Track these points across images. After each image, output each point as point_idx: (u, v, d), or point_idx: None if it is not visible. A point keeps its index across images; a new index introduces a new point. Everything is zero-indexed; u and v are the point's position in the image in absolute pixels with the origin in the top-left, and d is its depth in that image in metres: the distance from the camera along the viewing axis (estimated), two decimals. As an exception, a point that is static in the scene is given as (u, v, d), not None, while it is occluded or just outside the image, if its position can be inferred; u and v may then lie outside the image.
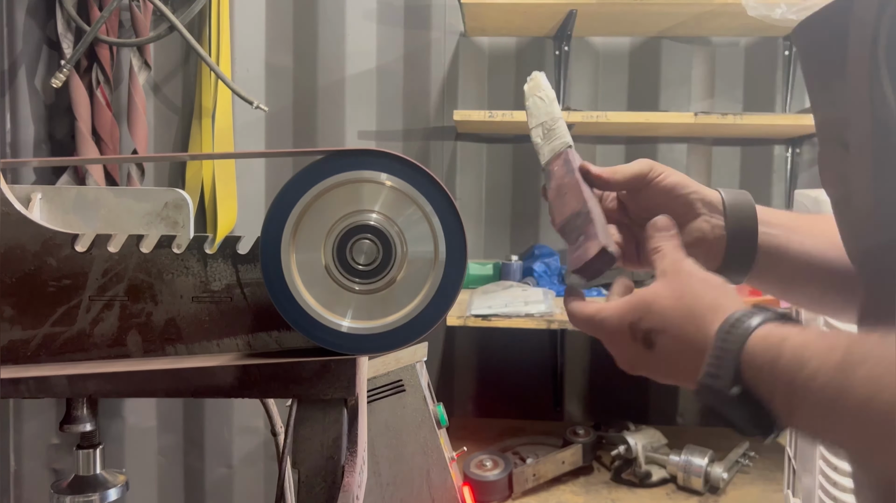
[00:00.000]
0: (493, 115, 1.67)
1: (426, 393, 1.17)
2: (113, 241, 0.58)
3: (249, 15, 1.93)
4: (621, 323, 0.54)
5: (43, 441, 1.97)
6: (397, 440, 1.16)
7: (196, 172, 1.91)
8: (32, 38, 1.90)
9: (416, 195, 0.55)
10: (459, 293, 0.56)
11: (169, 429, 2.00)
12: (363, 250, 0.56)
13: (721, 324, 0.48)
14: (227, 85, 1.79)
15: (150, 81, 1.92)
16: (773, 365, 0.44)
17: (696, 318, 0.50)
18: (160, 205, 0.70)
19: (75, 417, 0.61)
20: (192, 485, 2.01)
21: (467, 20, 1.80)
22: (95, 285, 0.57)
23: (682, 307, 0.52)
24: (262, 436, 1.99)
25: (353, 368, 0.54)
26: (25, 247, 0.57)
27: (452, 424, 1.85)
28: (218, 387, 0.53)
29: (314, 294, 0.55)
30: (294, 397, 0.55)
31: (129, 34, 1.86)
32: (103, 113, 1.81)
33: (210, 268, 0.58)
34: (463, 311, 1.57)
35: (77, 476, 0.64)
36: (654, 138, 2.00)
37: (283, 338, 0.59)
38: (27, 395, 0.52)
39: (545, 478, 1.54)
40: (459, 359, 2.02)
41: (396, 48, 1.96)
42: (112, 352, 0.58)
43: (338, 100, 1.96)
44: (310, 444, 0.55)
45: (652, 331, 0.53)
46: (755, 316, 0.47)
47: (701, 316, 0.50)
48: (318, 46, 1.95)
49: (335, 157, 0.55)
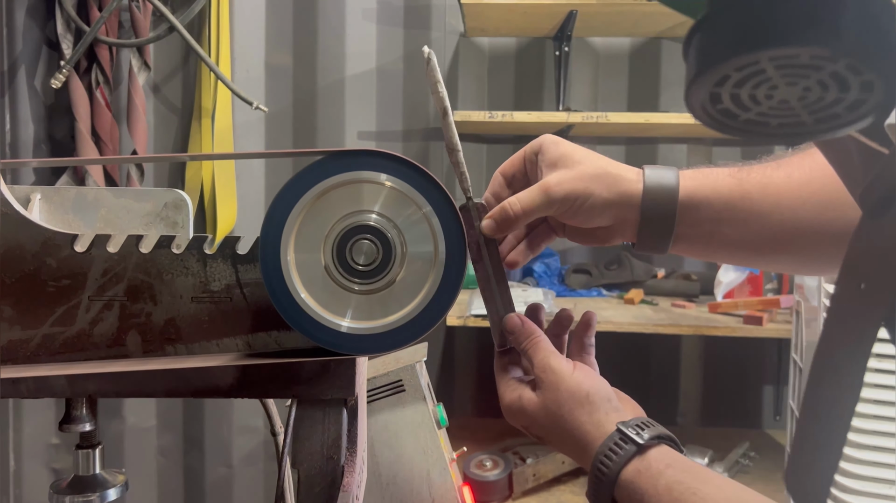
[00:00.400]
0: (493, 115, 1.67)
1: (426, 393, 1.17)
2: (112, 242, 0.58)
3: (249, 15, 1.93)
4: (515, 422, 0.58)
5: (42, 441, 1.97)
6: (397, 440, 1.16)
7: (196, 173, 1.91)
8: (32, 39, 1.90)
9: (415, 195, 0.55)
10: (459, 293, 0.56)
11: (169, 428, 2.00)
12: (363, 250, 0.56)
13: (592, 463, 0.51)
14: (226, 85, 1.79)
15: (150, 82, 1.92)
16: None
17: (571, 442, 0.54)
18: (160, 205, 0.70)
19: (75, 417, 0.61)
20: (191, 485, 2.01)
21: (467, 20, 1.80)
22: (95, 285, 0.57)
23: (556, 428, 0.54)
24: (261, 436, 1.99)
25: (353, 368, 0.54)
26: (25, 247, 0.57)
27: (452, 424, 1.85)
28: (217, 388, 0.53)
29: (314, 294, 0.55)
30: (294, 397, 0.55)
31: (128, 35, 1.86)
32: (103, 113, 1.81)
33: (210, 269, 0.58)
34: (463, 311, 1.58)
35: (76, 476, 0.64)
36: (654, 139, 2.00)
37: (282, 339, 0.59)
38: (27, 395, 0.52)
39: (545, 478, 1.54)
40: (459, 359, 2.02)
41: (396, 48, 1.96)
42: (111, 353, 0.58)
43: (338, 100, 1.96)
44: (309, 444, 0.55)
45: (541, 438, 0.57)
46: (617, 456, 0.50)
47: (574, 441, 0.53)
48: (317, 46, 1.95)
49: (335, 158, 0.55)
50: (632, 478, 0.49)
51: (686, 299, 1.78)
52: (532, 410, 0.55)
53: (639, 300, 1.76)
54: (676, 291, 1.82)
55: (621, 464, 0.49)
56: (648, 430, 0.50)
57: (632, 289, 1.80)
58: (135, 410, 1.98)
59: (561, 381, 0.54)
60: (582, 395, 0.54)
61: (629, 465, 0.49)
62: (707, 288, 1.80)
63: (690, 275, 1.86)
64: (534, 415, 0.55)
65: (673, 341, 1.99)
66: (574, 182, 0.58)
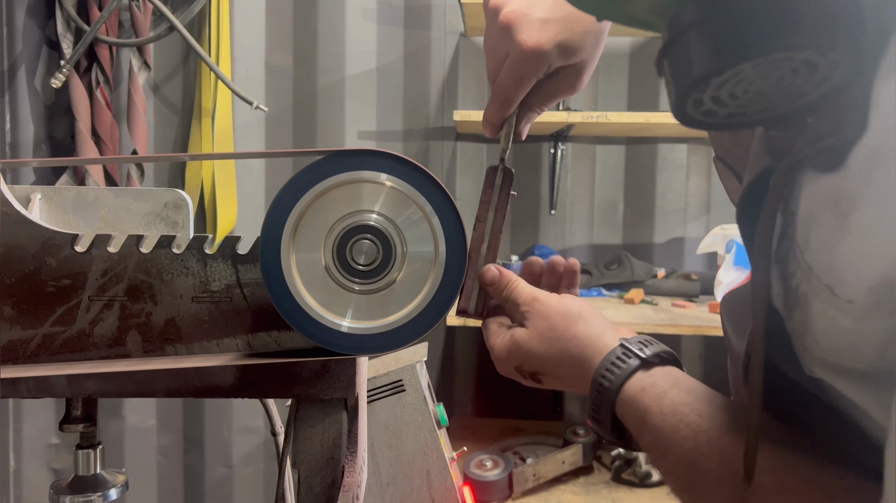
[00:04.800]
0: (492, 115, 1.66)
1: (426, 393, 1.17)
2: (112, 242, 0.58)
3: (249, 15, 1.93)
4: (508, 365, 0.57)
5: (43, 441, 1.97)
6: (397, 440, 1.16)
7: (196, 172, 1.91)
8: (32, 39, 1.90)
9: (415, 195, 0.55)
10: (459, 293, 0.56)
11: (169, 428, 2.00)
12: (363, 250, 0.56)
13: (593, 377, 0.49)
14: (226, 85, 1.79)
15: (150, 81, 1.92)
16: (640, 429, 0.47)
17: (568, 361, 0.52)
18: (160, 205, 0.70)
19: (75, 417, 0.61)
20: (191, 485, 2.01)
21: (467, 20, 1.80)
22: (95, 285, 0.57)
23: (552, 351, 0.53)
24: (261, 436, 1.99)
25: (353, 368, 0.54)
26: (25, 247, 0.57)
27: (452, 424, 1.85)
28: (218, 387, 0.53)
29: (314, 294, 0.55)
30: (294, 397, 0.55)
31: (128, 34, 1.86)
32: (103, 113, 1.81)
33: (210, 269, 0.58)
34: (463, 311, 1.57)
35: (77, 476, 0.64)
36: (654, 138, 2.00)
37: (282, 338, 0.59)
38: (27, 395, 0.52)
39: (545, 478, 1.54)
40: (459, 359, 2.02)
41: (396, 48, 1.96)
42: (112, 352, 0.58)
43: (338, 100, 1.96)
44: (310, 444, 0.55)
45: (536, 372, 0.55)
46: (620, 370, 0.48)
47: (571, 359, 0.52)
48: (318, 46, 1.95)
49: (335, 158, 0.55)
50: (635, 394, 0.47)
51: (686, 299, 1.78)
52: (525, 342, 0.54)
53: (639, 300, 1.76)
54: (676, 291, 1.82)
55: (624, 377, 0.47)
56: (651, 347, 0.49)
57: (632, 289, 1.80)
58: (135, 410, 1.98)
59: (550, 307, 0.54)
60: (574, 314, 0.53)
61: (632, 380, 0.47)
62: (707, 288, 1.80)
63: (690, 275, 1.86)
64: (527, 346, 0.54)
65: (673, 341, 1.99)
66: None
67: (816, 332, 0.33)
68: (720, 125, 0.34)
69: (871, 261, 0.29)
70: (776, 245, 0.37)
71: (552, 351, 0.53)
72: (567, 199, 2.01)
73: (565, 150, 1.98)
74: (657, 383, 0.46)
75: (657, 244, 2.02)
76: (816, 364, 0.35)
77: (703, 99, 0.33)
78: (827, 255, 0.32)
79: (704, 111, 0.33)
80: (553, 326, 0.53)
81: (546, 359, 0.53)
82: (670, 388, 0.46)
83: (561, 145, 1.95)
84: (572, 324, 0.52)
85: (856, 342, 0.30)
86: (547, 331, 0.53)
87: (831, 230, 0.32)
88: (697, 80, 0.31)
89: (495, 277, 0.58)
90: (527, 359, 0.55)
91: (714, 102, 0.33)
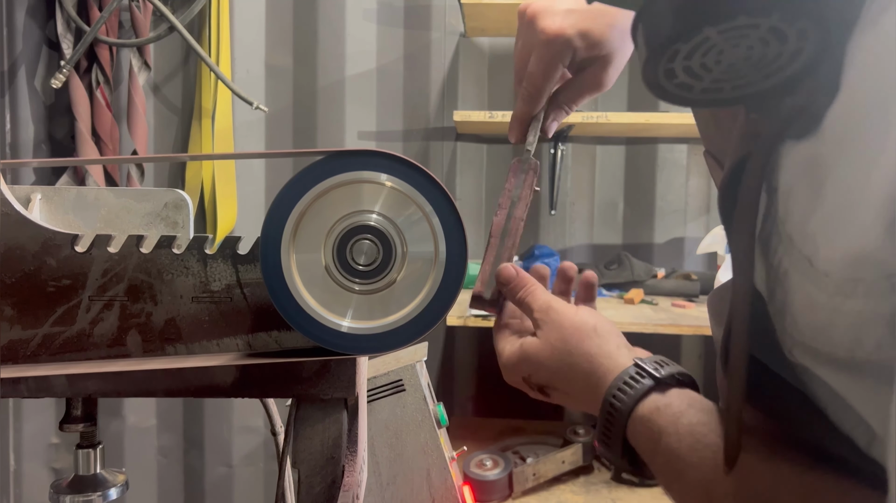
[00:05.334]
0: (493, 115, 1.67)
1: (426, 393, 1.17)
2: (113, 242, 0.58)
3: (249, 15, 1.93)
4: (516, 375, 0.55)
5: (43, 440, 1.97)
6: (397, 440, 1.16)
7: (196, 173, 1.91)
8: (32, 39, 1.90)
9: (416, 195, 0.55)
10: (459, 293, 0.56)
11: (169, 428, 2.00)
12: (363, 250, 0.56)
13: (604, 396, 0.47)
14: (226, 85, 1.79)
15: (150, 82, 1.92)
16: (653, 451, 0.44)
17: (579, 377, 0.50)
18: (160, 205, 0.70)
19: (75, 417, 0.61)
20: (191, 485, 2.01)
21: (467, 20, 1.80)
22: (95, 285, 0.57)
23: (563, 365, 0.51)
24: (261, 436, 1.99)
25: (353, 368, 0.54)
26: (25, 247, 0.57)
27: (452, 424, 1.85)
28: (218, 387, 0.53)
29: (314, 294, 0.55)
30: (294, 397, 0.55)
31: (128, 34, 1.86)
32: (103, 113, 1.81)
33: (210, 269, 0.58)
34: (463, 311, 1.58)
35: (77, 475, 0.64)
36: (654, 139, 2.00)
37: (282, 338, 0.59)
38: (27, 395, 0.52)
39: (545, 477, 1.54)
40: (459, 359, 2.02)
41: (396, 48, 1.96)
42: (112, 352, 0.58)
43: (338, 100, 1.96)
44: (310, 444, 0.55)
45: (544, 386, 0.53)
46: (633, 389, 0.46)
47: (583, 376, 0.50)
48: (318, 47, 1.95)
49: (335, 158, 0.55)
50: (648, 415, 0.44)
51: (686, 299, 1.78)
52: (535, 352, 0.52)
53: (639, 300, 1.76)
54: (676, 291, 1.82)
55: (637, 397, 0.45)
56: (667, 367, 0.47)
57: (632, 289, 1.80)
58: (135, 410, 1.98)
59: (565, 318, 0.52)
60: (589, 328, 0.51)
61: (646, 401, 0.45)
62: (707, 288, 1.80)
63: (690, 275, 1.86)
64: (537, 357, 0.52)
65: (673, 341, 1.99)
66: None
67: (794, 311, 0.32)
68: (696, 101, 0.34)
69: (846, 230, 0.28)
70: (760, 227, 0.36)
71: (562, 365, 0.51)
72: (567, 199, 2.02)
73: (565, 151, 1.98)
74: (672, 403, 0.44)
75: (657, 244, 2.02)
76: (797, 347, 0.33)
77: (676, 69, 0.32)
78: (805, 224, 0.31)
79: (678, 83, 0.33)
80: (565, 339, 0.51)
81: (556, 373, 0.52)
82: (687, 409, 0.44)
83: (561, 145, 1.95)
84: (586, 338, 0.50)
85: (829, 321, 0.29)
86: (559, 344, 0.51)
87: (808, 197, 0.31)
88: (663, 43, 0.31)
89: (511, 277, 0.57)
90: (535, 371, 0.53)
91: (687, 74, 0.33)
